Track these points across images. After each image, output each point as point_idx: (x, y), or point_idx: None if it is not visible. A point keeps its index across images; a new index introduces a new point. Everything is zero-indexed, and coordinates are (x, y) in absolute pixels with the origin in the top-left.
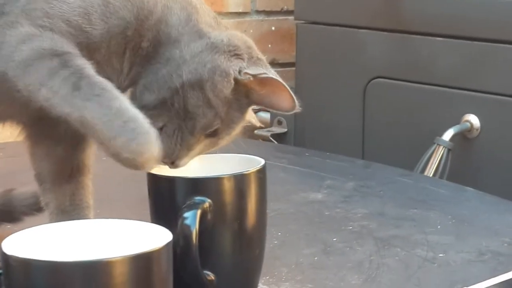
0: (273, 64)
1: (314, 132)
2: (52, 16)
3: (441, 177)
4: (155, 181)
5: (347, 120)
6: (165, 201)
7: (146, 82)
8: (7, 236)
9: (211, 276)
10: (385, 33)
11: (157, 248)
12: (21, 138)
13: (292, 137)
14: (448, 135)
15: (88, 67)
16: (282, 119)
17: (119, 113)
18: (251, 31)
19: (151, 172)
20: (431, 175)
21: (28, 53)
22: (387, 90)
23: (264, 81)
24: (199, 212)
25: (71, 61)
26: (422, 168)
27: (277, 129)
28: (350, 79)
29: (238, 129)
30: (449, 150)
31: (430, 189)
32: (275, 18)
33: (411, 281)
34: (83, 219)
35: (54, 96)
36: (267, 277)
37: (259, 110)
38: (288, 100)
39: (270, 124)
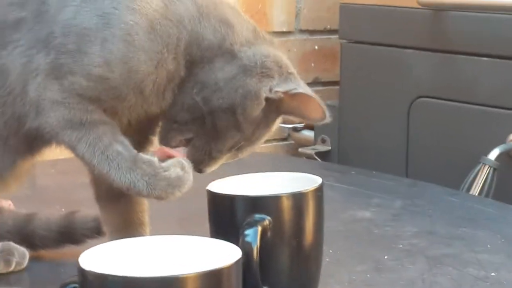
0: (316, 82)
1: (358, 151)
2: (75, 72)
3: (486, 196)
4: (215, 199)
5: (391, 139)
6: (225, 218)
7: (182, 104)
8: (73, 255)
9: None
10: (429, 52)
11: (229, 265)
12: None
13: (336, 155)
14: (493, 154)
15: (105, 136)
16: (326, 137)
17: (139, 171)
18: (295, 50)
19: (211, 190)
20: (476, 194)
21: (56, 123)
22: (431, 109)
23: (296, 96)
24: (259, 229)
25: (91, 132)
26: (468, 187)
27: (321, 147)
28: (394, 98)
29: (264, 139)
30: (494, 169)
31: (478, 208)
32: (318, 37)
33: None
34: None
35: (85, 154)
36: None
37: (303, 129)
38: (318, 111)
39: (314, 142)
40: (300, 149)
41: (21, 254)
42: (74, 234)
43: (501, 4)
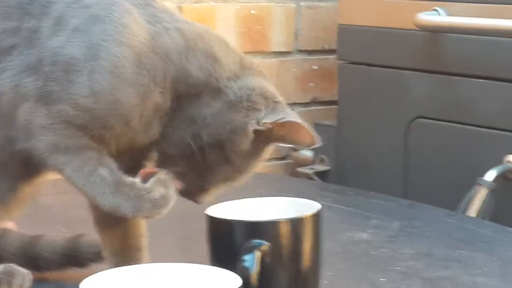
0: (315, 102)
1: (357, 170)
2: (62, 100)
3: (483, 217)
4: (214, 223)
5: (389, 159)
6: (224, 242)
7: (171, 138)
8: (76, 278)
9: None
10: (427, 74)
11: None
12: None
13: (334, 174)
14: (490, 175)
15: (90, 161)
16: (325, 157)
17: (123, 195)
18: (294, 70)
19: (209, 215)
20: (474, 215)
21: (44, 147)
22: (429, 130)
23: (284, 125)
24: (258, 254)
25: (76, 157)
26: (465, 208)
27: (320, 167)
28: (392, 118)
29: (257, 167)
30: (492, 190)
31: (474, 230)
32: (317, 57)
33: None
34: (135, 262)
35: (71, 178)
36: None
37: (301, 148)
38: (307, 137)
39: (313, 162)
40: (298, 169)
41: (23, 276)
42: (79, 258)
43: (497, 28)
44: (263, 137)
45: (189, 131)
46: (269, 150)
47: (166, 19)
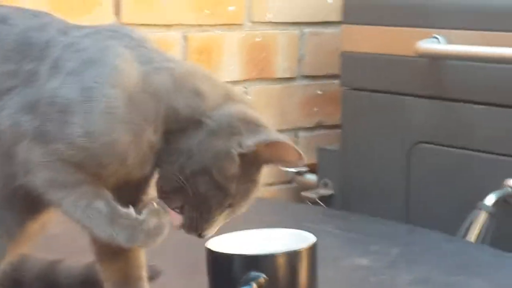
0: (319, 126)
1: (360, 194)
2: (58, 140)
3: (483, 241)
4: (213, 256)
5: (391, 183)
6: (223, 274)
7: (163, 173)
8: None
9: None
10: (428, 99)
11: None
12: None
13: (338, 198)
14: (490, 200)
15: (86, 195)
16: (328, 181)
17: (118, 226)
18: (298, 95)
19: (209, 248)
20: (473, 240)
21: (41, 182)
22: (430, 154)
23: (269, 145)
24: (254, 286)
25: (72, 192)
26: (465, 232)
27: (324, 191)
28: (394, 143)
29: (255, 193)
30: (491, 215)
31: (474, 255)
32: (320, 82)
33: None
34: None
35: (68, 211)
36: None
37: (306, 172)
38: (294, 154)
39: (317, 186)
40: (302, 193)
41: None
42: (96, 284)
43: (496, 55)
44: (250, 160)
45: (177, 165)
46: (263, 174)
47: (157, 59)
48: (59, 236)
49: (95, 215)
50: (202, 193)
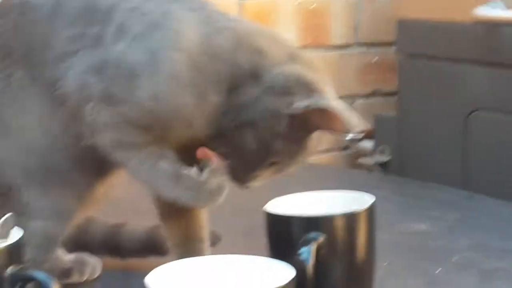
0: (376, 94)
1: (417, 161)
2: (125, 102)
3: None
4: (272, 219)
5: (449, 150)
6: (281, 237)
7: (220, 128)
8: (145, 266)
9: None
10: (485, 66)
11: (283, 285)
12: None
13: (395, 165)
14: None
15: (152, 156)
16: (386, 147)
17: (183, 186)
18: (354, 62)
19: (268, 211)
20: None
21: (108, 142)
22: (488, 121)
23: (316, 110)
24: (313, 247)
25: (139, 152)
26: None
27: (380, 158)
28: (451, 110)
29: (303, 156)
30: None
31: None
32: (377, 49)
33: None
34: (198, 252)
35: (134, 172)
36: None
37: (362, 139)
38: (340, 124)
39: (373, 153)
40: (359, 160)
41: (94, 265)
42: (159, 247)
43: None
44: (300, 123)
45: (229, 117)
46: (316, 139)
47: (219, 19)
48: (122, 200)
49: (161, 176)
50: (246, 145)
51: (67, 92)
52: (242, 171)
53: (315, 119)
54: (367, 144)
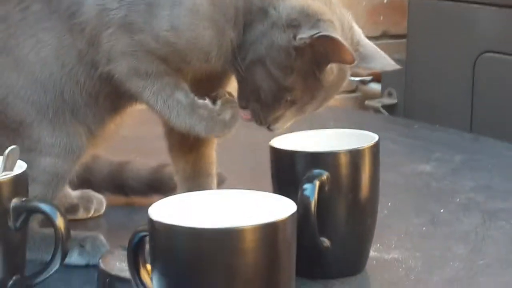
0: (385, 36)
1: (424, 104)
2: (144, 31)
3: None
4: (277, 154)
5: (456, 93)
6: (286, 172)
7: (235, 66)
8: (148, 203)
9: (327, 242)
10: (496, 7)
11: (284, 218)
12: None
13: (402, 108)
14: None
15: (168, 86)
16: (393, 90)
17: (197, 116)
18: (364, 3)
19: (273, 146)
20: None
21: (125, 70)
22: (497, 64)
23: (321, 40)
24: (317, 183)
25: (155, 81)
26: None
27: (388, 100)
28: (460, 52)
29: (325, 92)
30: None
31: None
32: None
33: None
34: (205, 187)
35: (149, 101)
36: (378, 245)
37: (370, 82)
38: (345, 52)
39: (381, 95)
40: (366, 102)
41: (99, 201)
42: (162, 186)
43: None
44: (309, 55)
45: (240, 56)
46: (331, 73)
47: None
48: (128, 138)
49: (176, 105)
50: (258, 84)
51: (86, 19)
52: (263, 112)
53: (322, 50)
54: (375, 87)
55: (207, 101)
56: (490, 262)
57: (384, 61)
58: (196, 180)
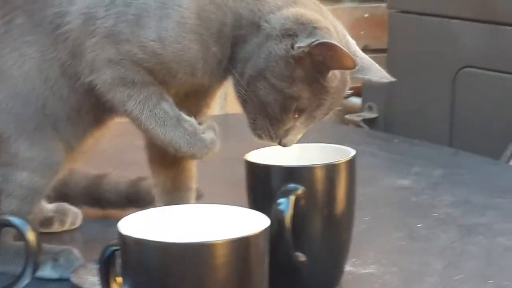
0: (366, 50)
1: (404, 118)
2: (131, 42)
3: None
4: (252, 168)
5: (436, 108)
6: (261, 187)
7: (234, 84)
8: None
9: (302, 257)
10: (476, 23)
11: (256, 233)
12: None
13: (382, 122)
14: None
15: (154, 95)
16: (373, 104)
17: (182, 130)
18: (345, 17)
19: (248, 160)
20: None
21: (109, 79)
22: (477, 79)
23: (319, 48)
24: (292, 198)
25: (141, 91)
26: (508, 158)
27: (368, 114)
28: (441, 67)
29: (331, 98)
30: None
31: None
32: (368, 5)
33: (491, 268)
34: (184, 201)
35: (133, 111)
36: (355, 259)
37: (350, 96)
38: (346, 59)
39: (361, 109)
40: (346, 116)
41: (75, 214)
42: (140, 200)
43: None
44: (309, 63)
45: (238, 71)
46: (335, 79)
47: None
48: (106, 150)
49: (163, 115)
50: (263, 99)
51: (70, 28)
52: (273, 127)
53: (321, 58)
54: (355, 101)
55: (193, 119)
56: (467, 277)
57: (380, 74)
58: (176, 194)
